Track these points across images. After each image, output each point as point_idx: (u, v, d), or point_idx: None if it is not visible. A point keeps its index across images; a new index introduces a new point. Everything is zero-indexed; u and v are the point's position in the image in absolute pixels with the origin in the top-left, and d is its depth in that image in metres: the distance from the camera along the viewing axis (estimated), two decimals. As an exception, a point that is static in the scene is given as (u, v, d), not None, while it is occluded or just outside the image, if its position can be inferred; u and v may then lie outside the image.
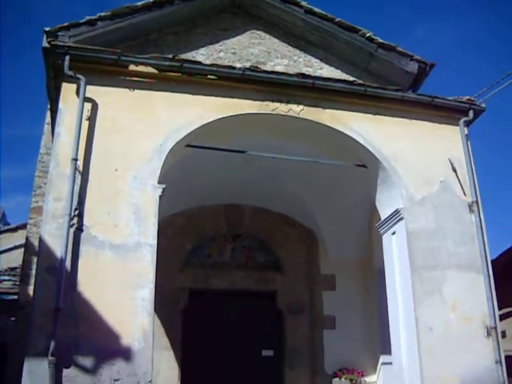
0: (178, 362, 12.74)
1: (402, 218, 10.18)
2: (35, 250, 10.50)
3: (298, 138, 10.60)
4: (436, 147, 10.73)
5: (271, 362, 13.38)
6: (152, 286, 8.69)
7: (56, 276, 8.40)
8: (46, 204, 9.01)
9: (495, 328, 9.82)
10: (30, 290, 10.94)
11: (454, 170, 10.60)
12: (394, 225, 10.43)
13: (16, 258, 17.68)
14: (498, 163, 52.47)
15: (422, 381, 9.36)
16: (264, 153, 10.47)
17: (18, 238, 19.11)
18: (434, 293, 9.86)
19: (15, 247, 19.68)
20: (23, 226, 17.88)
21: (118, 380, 8.22)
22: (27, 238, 14.32)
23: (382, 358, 12.83)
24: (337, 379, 12.84)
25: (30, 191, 15.64)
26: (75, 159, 8.89)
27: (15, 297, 14.85)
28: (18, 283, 15.37)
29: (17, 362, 10.17)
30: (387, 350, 11.11)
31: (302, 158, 10.59)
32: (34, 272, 9.72)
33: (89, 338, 8.31)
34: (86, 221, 8.81)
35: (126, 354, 8.33)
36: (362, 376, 12.95)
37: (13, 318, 14.57)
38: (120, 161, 9.21)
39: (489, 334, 9.80)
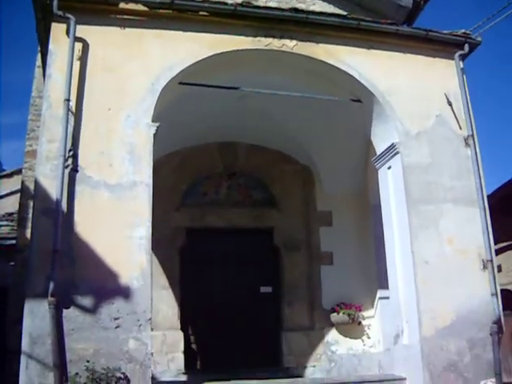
0: (176, 301, 12.91)
1: (397, 153, 10.22)
2: (31, 194, 10.53)
3: (291, 74, 10.54)
4: (431, 81, 10.71)
5: (270, 298, 13.55)
6: (149, 224, 8.77)
7: (52, 218, 8.46)
8: (39, 146, 9.00)
9: (491, 261, 9.94)
10: (28, 233, 10.99)
11: (450, 104, 10.59)
12: (389, 159, 10.48)
13: (13, 204, 17.68)
14: (495, 98, 52.17)
15: (419, 313, 9.53)
16: (257, 89, 10.43)
17: (14, 183, 19.08)
18: (430, 227, 9.96)
19: (11, 193, 19.65)
20: (18, 172, 17.81)
21: (117, 318, 8.35)
22: (23, 182, 14.33)
23: (379, 293, 13.00)
24: (335, 314, 13.02)
25: (23, 137, 15.56)
26: (67, 100, 8.86)
27: (13, 241, 14.94)
28: (15, 228, 15.45)
29: (17, 306, 10.27)
30: (384, 284, 11.30)
31: (296, 94, 10.53)
32: (31, 216, 9.77)
33: (87, 278, 8.42)
34: (80, 161, 8.83)
35: (124, 293, 8.45)
36: (360, 310, 13.13)
37: (12, 263, 14.66)
38: (113, 100, 9.19)
39: (485, 267, 9.93)
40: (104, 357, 8.20)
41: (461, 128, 10.56)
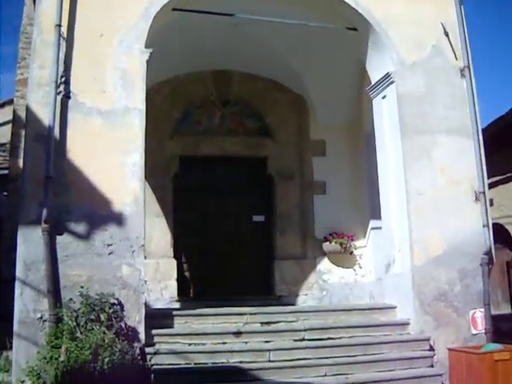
0: (169, 229, 12.99)
1: (392, 82, 10.20)
2: (23, 123, 10.48)
3: (288, 2, 10.39)
4: (428, 11, 10.63)
5: (262, 227, 13.66)
6: (142, 150, 8.79)
7: (45, 144, 8.47)
8: (31, 72, 8.96)
9: (483, 193, 10.03)
10: (21, 162, 10.99)
11: (446, 34, 10.52)
12: (384, 88, 10.46)
13: (5, 135, 17.52)
14: (492, 30, 51.60)
15: (411, 243, 9.66)
16: (252, 15, 10.31)
17: (6, 113, 18.85)
18: (424, 156, 10.02)
19: (3, 123, 19.40)
20: (10, 102, 17.61)
21: (111, 245, 8.44)
22: (14, 111, 14.25)
23: (372, 223, 13.08)
24: (327, 243, 13.14)
25: (13, 68, 15.36)
26: (59, 25, 8.79)
27: (6, 171, 14.92)
28: (7, 158, 15.41)
29: (11, 236, 10.36)
30: (377, 215, 11.39)
31: (291, 21, 10.42)
32: (23, 145, 9.75)
33: (80, 204, 8.47)
34: (72, 88, 8.80)
35: (118, 220, 8.52)
36: (352, 240, 13.25)
37: (5, 193, 14.68)
38: (105, 26, 9.12)
39: (477, 199, 10.02)
40: (98, 283, 8.32)
41: (457, 59, 10.52)
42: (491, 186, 11.66)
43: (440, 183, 10.00)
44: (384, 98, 10.56)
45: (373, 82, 10.79)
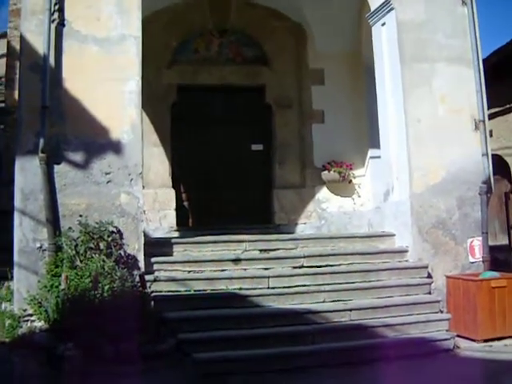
0: (168, 158, 12.93)
1: (392, 9, 10.04)
2: (18, 54, 10.33)
3: None
4: None
5: (261, 156, 13.59)
6: (138, 78, 8.73)
7: (40, 73, 8.43)
8: (24, 0, 8.76)
9: (483, 121, 10.00)
10: (16, 94, 10.87)
11: (448, -40, 10.28)
12: (384, 15, 10.29)
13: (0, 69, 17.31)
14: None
15: (410, 171, 9.68)
16: None
17: (0, 47, 18.58)
18: (424, 85, 9.96)
19: (-2, 56, 19.20)
20: (4, 35, 17.28)
21: (109, 173, 8.43)
22: (8, 43, 14.05)
23: (371, 152, 13.02)
24: (326, 172, 13.10)
25: (6, 2, 15.00)
26: (52, -49, 8.58)
27: (2, 105, 14.78)
28: (3, 92, 15.24)
29: (9, 168, 10.32)
30: (375, 144, 11.35)
31: None
32: (18, 77, 9.64)
33: (78, 133, 8.46)
34: (67, 15, 8.69)
35: (115, 148, 8.50)
36: (351, 169, 13.20)
37: (1, 126, 14.59)
38: (99, -49, 8.89)
39: (476, 128, 10.00)
40: (96, 211, 8.35)
41: (459, -15, 10.30)
42: (490, 117, 11.55)
43: (439, 112, 9.94)
44: (383, 25, 10.39)
45: (372, 9, 10.60)
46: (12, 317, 8.23)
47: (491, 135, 10.60)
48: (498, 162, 14.41)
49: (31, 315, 8.03)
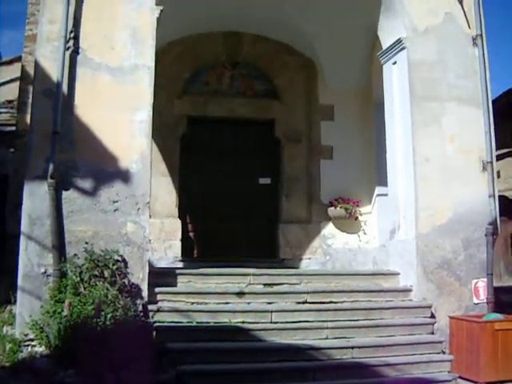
0: (175, 189, 12.98)
1: (404, 48, 10.09)
2: (31, 79, 10.42)
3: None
4: (442, -23, 10.45)
5: (268, 190, 13.63)
6: (150, 108, 8.78)
7: (52, 99, 8.50)
8: (40, 27, 8.94)
9: (491, 163, 9.99)
10: (28, 118, 10.94)
11: (460, 2, 10.39)
12: (395, 54, 10.35)
13: (12, 92, 17.36)
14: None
15: (417, 210, 9.65)
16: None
17: (14, 71, 18.65)
18: (433, 124, 9.97)
19: (11, 80, 19.24)
20: (18, 59, 17.36)
21: (116, 201, 8.46)
22: (23, 67, 14.13)
23: (378, 190, 13.03)
24: (332, 208, 13.10)
25: (21, 26, 15.17)
26: (69, -20, 8.69)
27: (13, 128, 14.87)
28: (15, 115, 15.34)
29: (17, 192, 10.36)
30: (383, 181, 11.34)
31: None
32: (31, 101, 9.73)
33: (87, 160, 8.48)
34: (81, 43, 8.79)
35: (124, 176, 8.53)
36: (358, 206, 13.20)
37: (11, 150, 14.66)
38: (115, -20, 9.01)
39: (484, 169, 10.00)
40: (102, 239, 8.35)
41: (470, 27, 10.40)
42: (498, 158, 11.58)
43: (448, 151, 9.94)
44: (395, 63, 10.45)
45: (384, 48, 10.67)
46: (13, 341, 8.21)
47: (499, 176, 10.61)
48: (505, 203, 14.42)
49: (32, 340, 8.00)
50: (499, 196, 10.40)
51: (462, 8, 10.37)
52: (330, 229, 13.37)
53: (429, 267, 9.54)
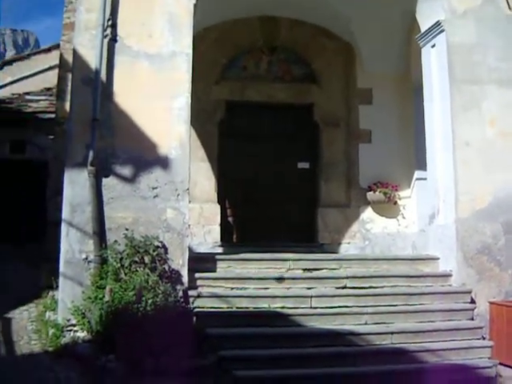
0: (214, 174, 13.02)
1: (442, 31, 9.98)
2: (70, 67, 10.51)
3: None
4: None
5: (307, 174, 13.60)
6: (188, 95, 8.82)
7: (91, 87, 8.58)
8: (77, 15, 9.03)
9: (533, 146, 9.84)
10: (67, 106, 11.06)
11: (499, -18, 10.22)
12: (434, 37, 10.23)
13: (51, 80, 17.56)
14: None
15: (456, 194, 9.58)
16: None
17: (53, 58, 18.81)
18: (473, 108, 9.87)
19: (50, 68, 19.46)
20: (57, 47, 17.52)
21: (156, 188, 8.53)
22: (61, 55, 14.25)
23: (417, 174, 12.95)
24: (371, 192, 13.05)
25: (59, 14, 15.28)
26: (107, -32, 8.75)
27: (52, 115, 15.03)
28: (54, 103, 15.49)
29: (57, 179, 10.50)
30: (422, 166, 11.27)
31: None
32: (69, 88, 9.82)
33: (126, 147, 8.57)
34: (119, 31, 8.87)
35: (163, 163, 8.60)
36: (397, 190, 13.13)
37: (51, 136, 14.82)
38: (153, -31, 9.05)
39: (526, 152, 9.84)
40: (142, 225, 8.43)
41: (510, 8, 10.22)
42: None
43: (488, 135, 9.83)
44: (433, 46, 10.33)
45: (422, 31, 10.55)
46: (56, 326, 8.36)
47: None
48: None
49: (74, 325, 8.13)
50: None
51: (501, -12, 10.22)
52: (368, 213, 13.32)
53: (469, 252, 9.47)
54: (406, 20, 11.96)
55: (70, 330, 8.15)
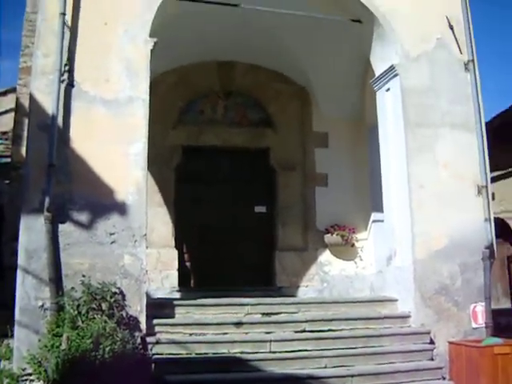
0: (171, 219, 12.97)
1: (396, 75, 10.18)
2: (26, 111, 10.47)
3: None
4: (433, 3, 10.63)
5: (264, 218, 13.63)
6: (145, 140, 8.80)
7: (48, 132, 8.51)
8: (34, 60, 8.99)
9: (486, 187, 10.05)
10: (23, 150, 11.01)
11: (451, 28, 10.52)
12: (388, 81, 10.43)
13: (7, 123, 17.38)
14: (497, 21, 51.40)
15: (413, 236, 9.68)
16: (257, 6, 10.24)
17: (8, 102, 18.69)
18: (427, 150, 10.04)
19: (6, 111, 19.26)
20: (13, 90, 17.42)
21: (113, 234, 8.45)
22: (17, 99, 14.19)
23: (374, 216, 13.06)
24: (328, 235, 13.11)
25: (16, 56, 15.23)
26: (63, 13, 8.80)
27: (8, 160, 14.89)
28: (9, 147, 15.35)
29: (13, 224, 10.36)
30: (378, 207, 11.35)
31: (296, 12, 10.34)
32: (26, 133, 9.75)
33: (84, 193, 8.48)
34: (76, 76, 8.81)
35: (120, 209, 8.53)
36: (354, 232, 13.23)
37: (7, 181, 14.66)
38: (109, 14, 9.13)
39: (479, 193, 10.04)
40: (100, 272, 8.33)
41: (461, 52, 10.53)
42: (493, 180, 11.57)
43: (443, 177, 9.99)
44: (388, 90, 10.52)
45: (377, 75, 10.75)
46: (11, 376, 8.14)
47: (493, 198, 10.62)
48: (501, 224, 14.44)
49: (30, 375, 7.94)
50: (495, 218, 10.42)
51: (453, 34, 10.49)
52: (326, 256, 13.37)
53: (426, 293, 9.53)
54: (361, 64, 12.18)
55: (26, 380, 7.96)
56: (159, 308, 9.11)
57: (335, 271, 13.30)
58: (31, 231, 8.27)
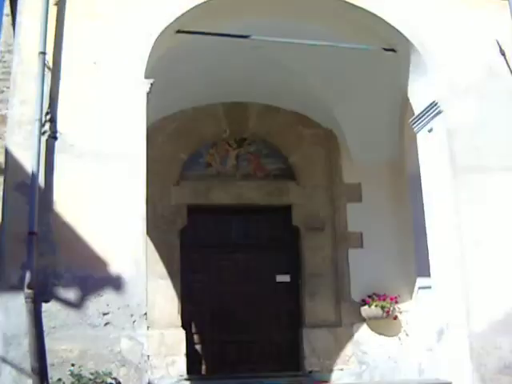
0: (176, 293, 12.95)
1: (440, 112, 10.15)
2: (1, 169, 10.53)
3: (311, 19, 10.41)
4: (480, 26, 10.57)
5: (288, 289, 13.61)
6: (143, 201, 8.77)
7: (27, 194, 8.46)
8: (10, 109, 9.00)
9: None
10: (-1, 216, 11.05)
11: (503, 54, 10.48)
12: (430, 120, 10.39)
13: (-22, 183, 17.54)
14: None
15: (468, 305, 9.50)
16: (272, 37, 10.34)
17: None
18: (481, 200, 9.88)
19: (-22, 164, 19.48)
20: (-16, 144, 17.61)
21: (107, 314, 8.39)
22: (-8, 155, 14.29)
23: (419, 282, 12.99)
24: (366, 307, 13.04)
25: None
26: (43, 53, 8.81)
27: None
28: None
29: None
30: (425, 271, 11.25)
31: (316, 42, 10.44)
32: (1, 194, 9.80)
33: (71, 266, 8.43)
34: (59, 127, 8.81)
35: (115, 284, 8.48)
36: (396, 302, 13.14)
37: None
38: (98, 52, 9.14)
39: (545, 249, 9.89)
40: (92, 359, 8.26)
41: (517, 80, 10.49)
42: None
43: (502, 230, 9.88)
44: (430, 131, 10.50)
45: (416, 113, 10.74)
46: None
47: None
48: None
49: None
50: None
51: (506, 60, 10.44)
52: (364, 332, 13.28)
53: (487, 373, 9.33)
54: (398, 101, 12.23)
55: None
56: (165, 401, 9.08)
57: (376, 350, 13.18)
58: (9, 313, 8.25)
